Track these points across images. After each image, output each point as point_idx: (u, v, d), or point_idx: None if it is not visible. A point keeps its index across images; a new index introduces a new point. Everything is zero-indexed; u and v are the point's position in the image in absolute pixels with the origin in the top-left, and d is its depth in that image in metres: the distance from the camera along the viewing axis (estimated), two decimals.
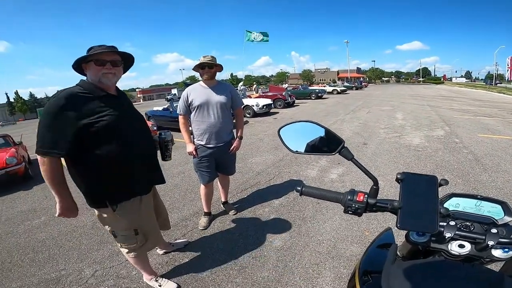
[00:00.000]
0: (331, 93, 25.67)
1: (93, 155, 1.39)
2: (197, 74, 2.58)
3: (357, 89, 35.03)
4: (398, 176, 0.69)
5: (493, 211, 0.72)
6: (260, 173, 4.23)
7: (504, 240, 0.62)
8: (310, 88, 23.96)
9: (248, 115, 10.99)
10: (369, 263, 0.86)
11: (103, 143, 1.39)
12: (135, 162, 1.54)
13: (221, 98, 2.43)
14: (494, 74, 58.43)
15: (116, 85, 1.58)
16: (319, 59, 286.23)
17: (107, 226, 1.60)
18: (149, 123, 6.85)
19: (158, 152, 1.83)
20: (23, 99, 58.98)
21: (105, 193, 1.48)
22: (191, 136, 2.51)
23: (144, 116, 10.79)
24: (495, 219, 0.71)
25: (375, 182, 0.73)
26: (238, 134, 2.64)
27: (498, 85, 46.87)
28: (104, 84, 1.43)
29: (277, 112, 12.25)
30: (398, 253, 0.81)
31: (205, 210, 2.81)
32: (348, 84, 36.38)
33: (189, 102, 2.40)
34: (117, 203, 1.51)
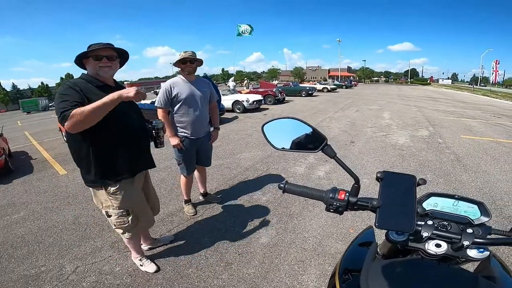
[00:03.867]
0: (321, 91, 25.85)
1: (96, 135, 1.53)
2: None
3: (347, 88, 35.41)
4: (378, 175, 0.69)
5: (469, 211, 0.73)
6: (248, 169, 4.23)
7: (479, 240, 0.62)
8: (301, 85, 24.03)
9: (238, 111, 10.96)
10: (349, 261, 0.86)
11: (104, 126, 1.51)
12: (131, 145, 1.72)
13: (203, 92, 2.56)
14: (479, 77, 60.28)
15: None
16: (311, 57, 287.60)
17: (101, 206, 1.75)
18: None
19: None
20: (5, 90, 56.58)
21: (103, 172, 1.63)
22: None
23: None
24: (471, 219, 0.71)
25: (357, 180, 0.74)
26: (216, 126, 2.82)
27: (482, 87, 48.50)
28: (101, 76, 1.62)
29: (267, 108, 12.25)
30: (378, 251, 0.82)
31: (186, 198, 2.94)
32: (338, 83, 36.75)
33: (172, 95, 2.44)
34: (113, 183, 1.67)
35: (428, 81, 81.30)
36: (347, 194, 0.72)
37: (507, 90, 50.35)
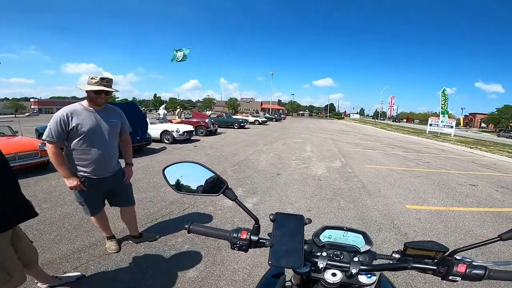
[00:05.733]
0: (253, 123, 27.14)
1: None
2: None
3: (276, 120, 38.17)
4: (271, 217, 0.75)
5: (356, 240, 0.81)
6: (173, 203, 4.01)
7: (365, 267, 0.70)
8: (234, 117, 24.72)
9: (167, 141, 10.48)
10: None
11: None
12: None
13: (112, 124, 2.23)
14: (379, 112, 73.14)
15: None
16: (246, 88, 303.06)
17: None
18: (39, 142, 5.75)
19: None
20: None
21: None
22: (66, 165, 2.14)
23: (35, 132, 9.23)
24: (358, 248, 0.79)
25: (256, 221, 0.80)
26: (128, 162, 2.50)
27: (382, 121, 58.73)
28: None
29: (198, 140, 12.08)
30: (292, 281, 0.86)
31: (106, 235, 2.57)
32: (269, 116, 39.37)
33: (70, 127, 2.02)
34: None
35: (342, 116, 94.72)
36: (249, 233, 0.78)
37: (397, 123, 62.39)
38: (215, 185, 0.86)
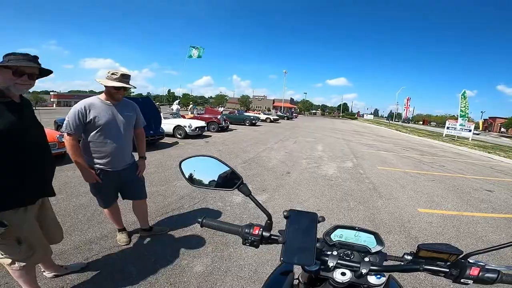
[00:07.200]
0: (264, 121, 27.11)
1: None
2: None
3: (288, 119, 37.96)
4: (285, 214, 0.75)
5: (368, 240, 0.80)
6: (183, 197, 4.08)
7: (375, 268, 0.70)
8: (246, 114, 24.79)
9: (179, 136, 10.65)
10: None
11: None
12: (25, 172, 1.50)
13: (128, 118, 2.29)
14: (394, 113, 71.54)
15: None
16: (258, 86, 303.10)
17: None
18: (57, 133, 5.99)
19: None
20: None
21: None
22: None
23: (54, 124, 9.57)
24: (369, 248, 0.79)
25: (269, 217, 0.81)
26: (142, 155, 2.56)
27: (396, 122, 57.16)
28: (11, 92, 1.44)
29: (210, 136, 12.17)
30: (300, 279, 0.87)
31: (118, 227, 2.65)
32: (281, 114, 39.19)
33: (88, 120, 2.07)
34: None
35: (356, 116, 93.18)
36: (261, 229, 0.78)
37: (407, 124, 60.78)
38: (230, 180, 0.87)
